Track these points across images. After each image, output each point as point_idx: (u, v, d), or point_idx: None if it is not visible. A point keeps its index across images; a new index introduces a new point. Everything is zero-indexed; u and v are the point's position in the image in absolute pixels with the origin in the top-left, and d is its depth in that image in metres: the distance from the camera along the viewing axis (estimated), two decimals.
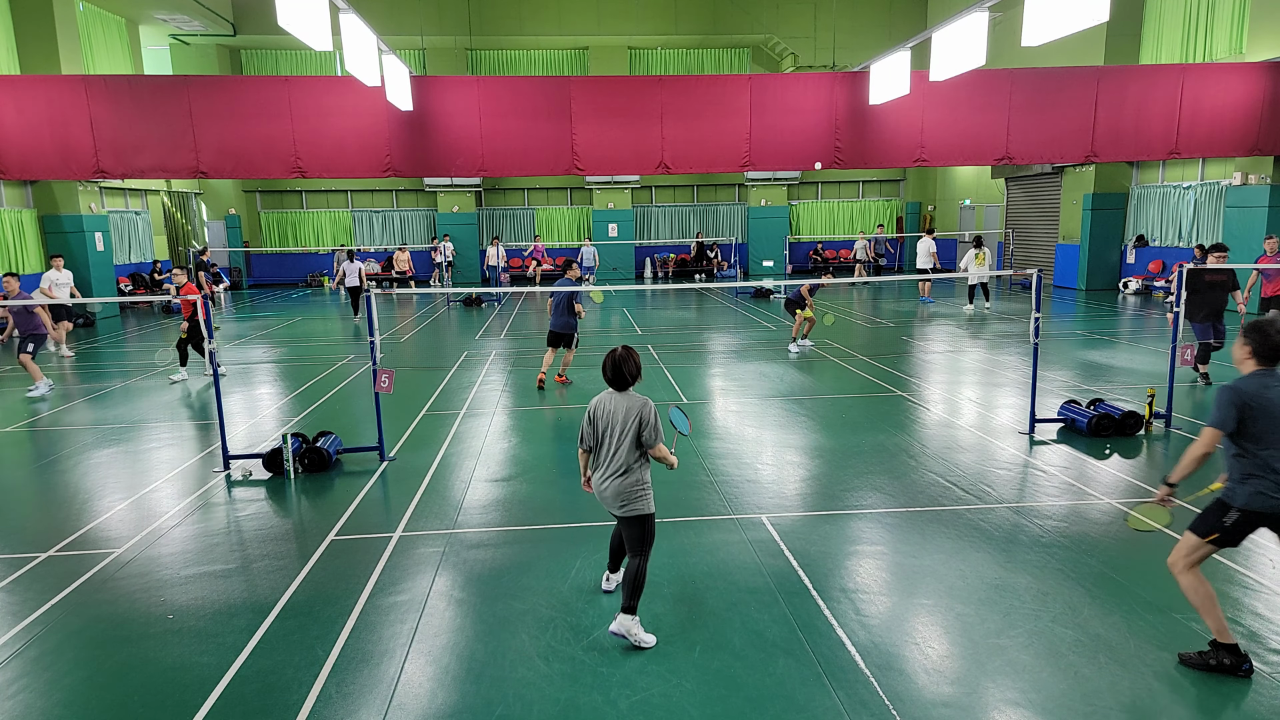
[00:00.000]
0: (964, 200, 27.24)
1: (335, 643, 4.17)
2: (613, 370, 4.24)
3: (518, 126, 15.33)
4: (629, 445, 4.14)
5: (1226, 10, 16.96)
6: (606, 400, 4.27)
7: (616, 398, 4.25)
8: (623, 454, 4.14)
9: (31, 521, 6.08)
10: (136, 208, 22.56)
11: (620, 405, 4.21)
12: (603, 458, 4.23)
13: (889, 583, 4.78)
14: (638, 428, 4.14)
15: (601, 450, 4.24)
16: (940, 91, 15.20)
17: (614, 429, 4.18)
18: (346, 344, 14.49)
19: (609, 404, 4.25)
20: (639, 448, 4.17)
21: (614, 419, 4.19)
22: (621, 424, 4.16)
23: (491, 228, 28.67)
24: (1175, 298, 7.70)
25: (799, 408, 9.03)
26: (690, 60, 27.79)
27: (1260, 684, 3.67)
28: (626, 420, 4.15)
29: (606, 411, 4.23)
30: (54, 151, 14.58)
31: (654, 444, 4.16)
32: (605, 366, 4.26)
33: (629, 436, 4.14)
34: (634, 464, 4.16)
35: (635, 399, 4.23)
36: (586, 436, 4.29)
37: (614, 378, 4.24)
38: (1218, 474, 3.96)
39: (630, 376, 4.25)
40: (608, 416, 4.22)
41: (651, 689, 3.73)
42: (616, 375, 4.23)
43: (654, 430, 4.15)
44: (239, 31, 23.82)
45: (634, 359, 4.28)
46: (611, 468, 4.16)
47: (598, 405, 4.27)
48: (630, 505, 4.14)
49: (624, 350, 4.28)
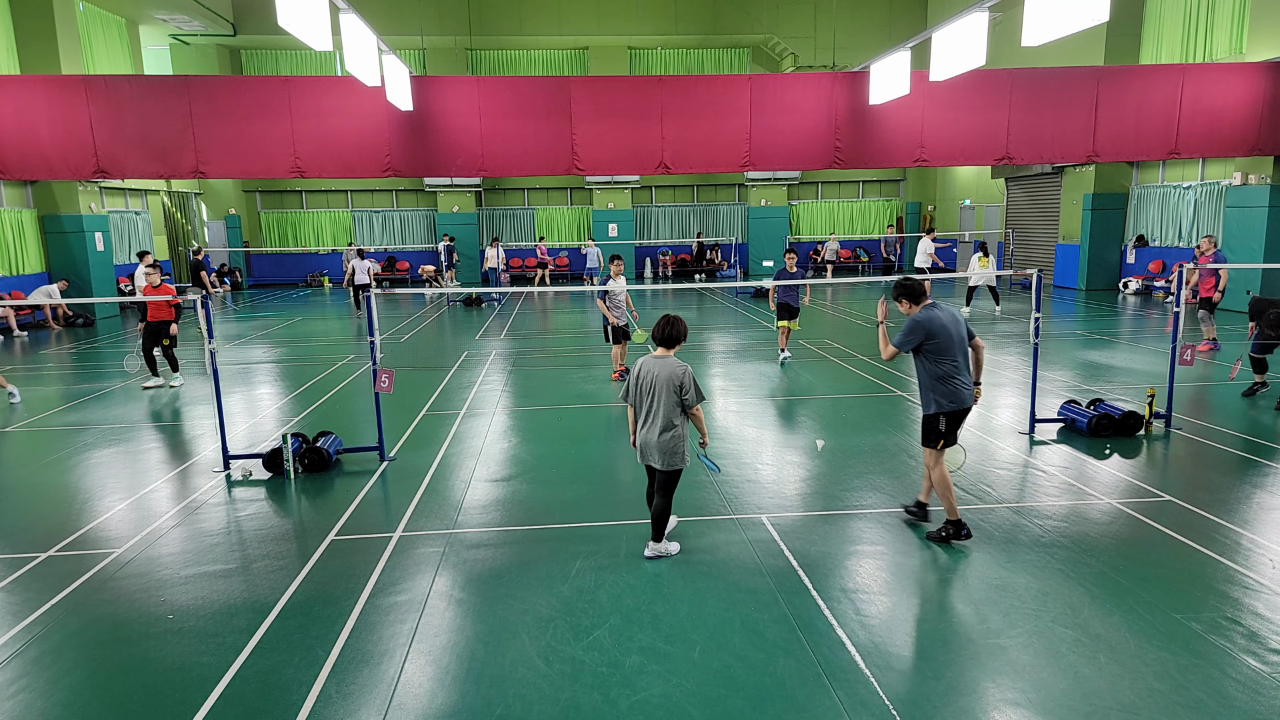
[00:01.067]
0: (964, 200, 27.25)
1: (335, 643, 4.17)
2: (661, 332, 4.93)
3: (518, 126, 15.33)
4: (669, 405, 4.78)
5: (1226, 10, 16.96)
6: (650, 363, 4.88)
7: (659, 361, 4.87)
8: (663, 412, 4.79)
9: (31, 521, 6.07)
10: (136, 208, 22.57)
11: (662, 368, 4.83)
12: (646, 415, 4.86)
13: (889, 583, 4.78)
14: (679, 391, 4.77)
15: (643, 408, 4.88)
16: (940, 91, 15.20)
17: (656, 389, 4.81)
18: (347, 344, 14.49)
19: (652, 366, 4.86)
20: (680, 408, 4.80)
21: (656, 380, 4.81)
22: (664, 385, 4.78)
23: (492, 228, 28.67)
24: (1175, 297, 7.69)
25: (799, 408, 9.03)
26: (690, 60, 27.79)
27: (1260, 684, 3.67)
28: (668, 382, 4.78)
29: (649, 373, 4.85)
30: (54, 151, 14.57)
31: (694, 405, 4.83)
32: (655, 330, 4.97)
33: (670, 396, 4.77)
34: (676, 421, 4.81)
35: (675, 364, 4.83)
36: (630, 393, 4.97)
37: (664, 337, 4.92)
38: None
39: (675, 340, 4.92)
40: (650, 378, 4.83)
41: (651, 689, 3.72)
42: (665, 337, 4.91)
43: (695, 393, 4.80)
44: (239, 31, 23.82)
45: (682, 325, 4.97)
46: (656, 424, 4.80)
47: (642, 366, 4.89)
48: (672, 460, 4.85)
49: (674, 317, 4.96)
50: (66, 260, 18.43)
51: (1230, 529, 5.41)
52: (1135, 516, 5.67)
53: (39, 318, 17.75)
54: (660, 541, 5.10)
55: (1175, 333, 7.78)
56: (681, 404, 4.80)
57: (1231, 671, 3.77)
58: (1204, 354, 11.68)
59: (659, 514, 5.03)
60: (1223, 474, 6.56)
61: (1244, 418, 8.28)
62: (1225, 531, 5.37)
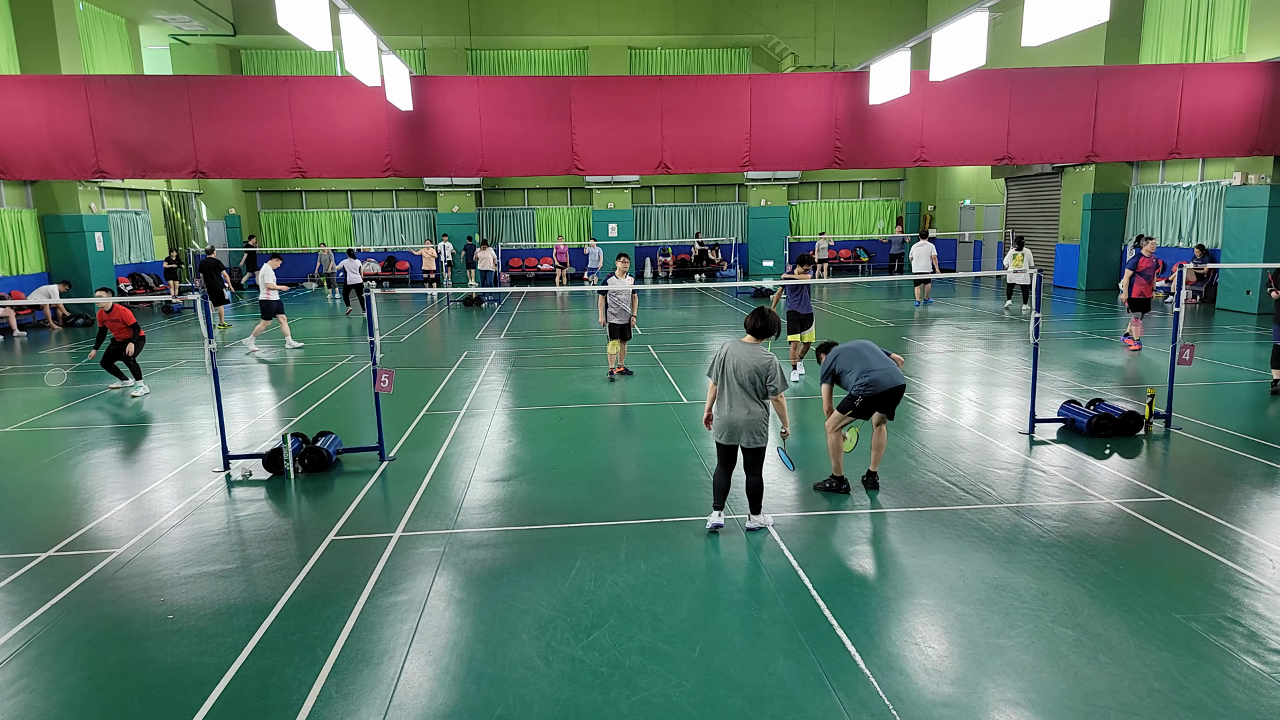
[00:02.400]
0: (964, 200, 27.25)
1: (335, 643, 4.17)
2: (754, 322, 5.19)
3: (517, 126, 15.32)
4: (752, 389, 5.09)
5: (1226, 10, 16.96)
6: (737, 347, 5.18)
7: (746, 347, 5.18)
8: (747, 395, 5.10)
9: (31, 521, 6.07)
10: (136, 208, 22.57)
11: (749, 355, 5.13)
12: (730, 395, 5.15)
13: (889, 583, 4.78)
14: (764, 379, 5.08)
15: (726, 389, 5.16)
16: (940, 91, 15.19)
17: (740, 373, 5.11)
18: (346, 344, 14.49)
19: (738, 351, 5.16)
20: (762, 393, 5.10)
21: (741, 365, 5.12)
22: (749, 371, 5.09)
23: (492, 228, 28.67)
24: (1175, 297, 7.69)
25: (799, 408, 9.02)
26: (690, 60, 27.79)
27: (1260, 684, 3.67)
28: (753, 369, 5.08)
29: (735, 357, 5.15)
30: (54, 151, 14.56)
31: (779, 393, 5.13)
32: (749, 319, 5.22)
33: (754, 383, 5.08)
34: (755, 404, 5.13)
35: (763, 353, 5.13)
36: (715, 372, 5.25)
37: (754, 328, 5.20)
38: None
39: (767, 331, 5.19)
40: (735, 361, 5.14)
41: (651, 689, 3.72)
42: (757, 327, 5.19)
43: (780, 381, 5.11)
44: (239, 31, 23.82)
45: (774, 318, 5.20)
46: (742, 405, 5.11)
47: (730, 349, 5.19)
48: (757, 437, 5.15)
49: (767, 310, 5.21)
50: (66, 260, 18.43)
51: (1230, 529, 5.41)
52: (1135, 516, 5.67)
53: (39, 318, 17.74)
54: (760, 513, 5.44)
55: (1175, 333, 7.78)
56: (766, 390, 5.09)
57: (1231, 671, 3.76)
58: (1134, 351, 12.01)
59: (754, 489, 5.35)
60: (1223, 474, 6.56)
61: (1244, 418, 8.28)
62: (1225, 531, 5.37)
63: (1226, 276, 16.73)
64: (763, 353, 5.13)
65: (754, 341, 5.22)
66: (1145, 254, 12.26)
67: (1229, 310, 16.43)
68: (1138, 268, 12.24)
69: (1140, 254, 12.32)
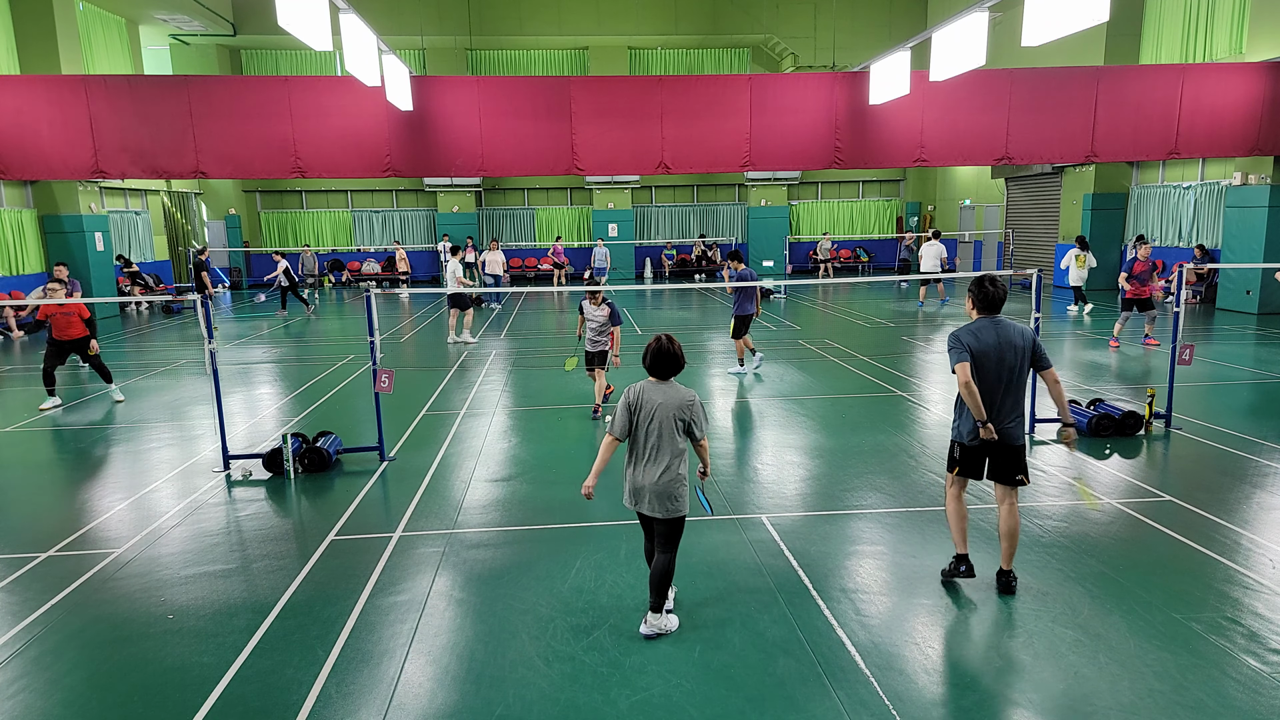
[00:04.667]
0: (964, 200, 27.25)
1: (335, 643, 4.17)
2: (654, 359, 4.12)
3: (518, 126, 15.32)
4: (673, 440, 4.05)
5: (1226, 10, 16.96)
6: (650, 391, 4.10)
7: (660, 388, 4.11)
8: (665, 449, 4.04)
9: (31, 521, 6.07)
10: (136, 208, 22.57)
11: (665, 397, 4.08)
12: (642, 452, 4.08)
13: (889, 583, 4.78)
14: (687, 423, 4.06)
15: (639, 444, 4.10)
16: (940, 91, 15.20)
17: (656, 422, 4.04)
18: (346, 344, 14.49)
19: (653, 394, 4.09)
20: (683, 443, 4.09)
21: (657, 411, 4.04)
22: (669, 417, 4.04)
23: (492, 228, 28.66)
24: (1175, 297, 7.69)
25: (799, 408, 9.03)
26: (690, 60, 27.78)
27: (1260, 684, 3.67)
28: (673, 414, 4.04)
29: (650, 402, 4.06)
30: (54, 151, 14.56)
31: (703, 437, 4.15)
32: (647, 354, 4.15)
33: (674, 431, 4.05)
34: (675, 460, 4.06)
35: (682, 391, 4.12)
36: (619, 426, 4.10)
37: (655, 366, 4.12)
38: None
39: (676, 366, 4.14)
40: (651, 408, 4.05)
41: (651, 689, 3.72)
42: (659, 364, 4.12)
43: (704, 424, 4.16)
44: (239, 31, 23.82)
45: (678, 348, 4.16)
46: (658, 464, 4.04)
47: (640, 395, 4.10)
48: (674, 506, 4.08)
49: (667, 338, 4.15)
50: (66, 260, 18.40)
51: (1230, 529, 5.41)
52: (1135, 516, 5.67)
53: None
54: (660, 614, 4.19)
55: (1175, 332, 7.78)
56: (690, 438, 4.14)
57: (1231, 671, 3.76)
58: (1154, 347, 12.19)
59: (660, 576, 4.15)
60: (1223, 474, 6.56)
61: (1244, 418, 8.28)
62: (1225, 531, 5.37)
63: (1226, 276, 16.73)
64: (684, 392, 4.12)
65: (667, 381, 4.16)
66: (1140, 258, 12.41)
67: (1229, 310, 16.43)
68: (1133, 271, 12.45)
69: (1135, 258, 12.48)
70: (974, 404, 4.35)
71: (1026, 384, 4.57)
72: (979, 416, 4.37)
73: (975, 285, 4.54)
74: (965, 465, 4.61)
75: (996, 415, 4.44)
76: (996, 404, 4.43)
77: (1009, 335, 4.41)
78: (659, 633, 4.16)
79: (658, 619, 4.17)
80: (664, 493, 4.05)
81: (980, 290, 4.49)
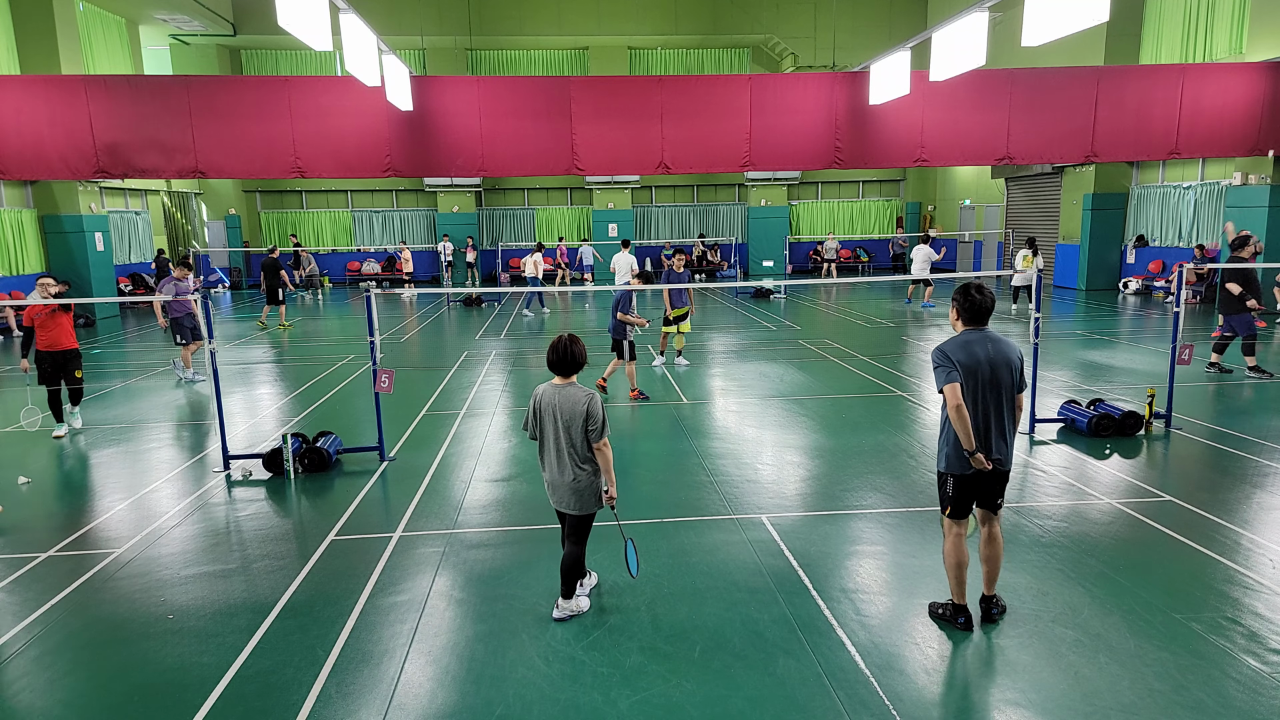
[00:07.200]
0: (964, 200, 27.25)
1: (335, 643, 4.17)
2: (556, 357, 4.16)
3: (518, 126, 15.32)
4: (577, 440, 4.15)
5: (1226, 10, 16.96)
6: (549, 392, 4.20)
7: (558, 390, 4.18)
8: (568, 450, 4.16)
9: (31, 521, 6.07)
10: (136, 208, 22.57)
11: (564, 398, 4.15)
12: (550, 453, 4.22)
13: (889, 583, 4.78)
14: (584, 422, 4.11)
15: (546, 444, 4.23)
16: (940, 91, 15.19)
17: (558, 423, 4.15)
18: (346, 344, 14.49)
19: (552, 397, 4.18)
20: (587, 443, 4.16)
21: (557, 412, 4.15)
22: (566, 417, 4.13)
23: (492, 228, 28.66)
24: (1175, 297, 7.69)
25: (799, 408, 9.03)
26: (690, 60, 27.78)
27: (1260, 684, 3.67)
28: (570, 414, 4.13)
29: (550, 404, 4.17)
30: (54, 151, 14.56)
31: (599, 439, 4.14)
32: (549, 353, 4.21)
33: (575, 431, 4.13)
34: (581, 459, 4.18)
35: (578, 391, 4.16)
36: (529, 425, 4.28)
37: (558, 365, 4.17)
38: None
39: (574, 365, 4.19)
40: (552, 410, 4.16)
41: (651, 689, 3.72)
42: (560, 363, 4.16)
43: (602, 425, 4.13)
44: (239, 31, 23.82)
45: (579, 347, 4.22)
46: (564, 464, 4.17)
47: (540, 396, 4.21)
48: (585, 503, 4.24)
49: (569, 337, 4.22)
50: (66, 260, 18.42)
51: (1230, 529, 5.41)
52: (1135, 516, 5.67)
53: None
54: (570, 599, 4.36)
55: (1175, 332, 7.78)
56: (588, 437, 4.13)
57: (1231, 671, 3.76)
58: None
59: (569, 566, 4.29)
60: (1223, 474, 6.56)
61: (1244, 418, 8.28)
62: (1225, 531, 5.37)
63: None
64: (579, 388, 4.15)
65: (564, 381, 4.18)
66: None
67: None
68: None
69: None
70: (964, 431, 3.85)
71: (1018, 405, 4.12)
72: (968, 446, 3.87)
73: (960, 294, 4.07)
74: (960, 503, 4.11)
75: (988, 442, 3.97)
76: (990, 428, 3.97)
77: (1004, 352, 3.96)
78: (571, 615, 4.35)
79: (568, 603, 4.38)
80: (574, 490, 4.22)
81: (966, 299, 4.02)
